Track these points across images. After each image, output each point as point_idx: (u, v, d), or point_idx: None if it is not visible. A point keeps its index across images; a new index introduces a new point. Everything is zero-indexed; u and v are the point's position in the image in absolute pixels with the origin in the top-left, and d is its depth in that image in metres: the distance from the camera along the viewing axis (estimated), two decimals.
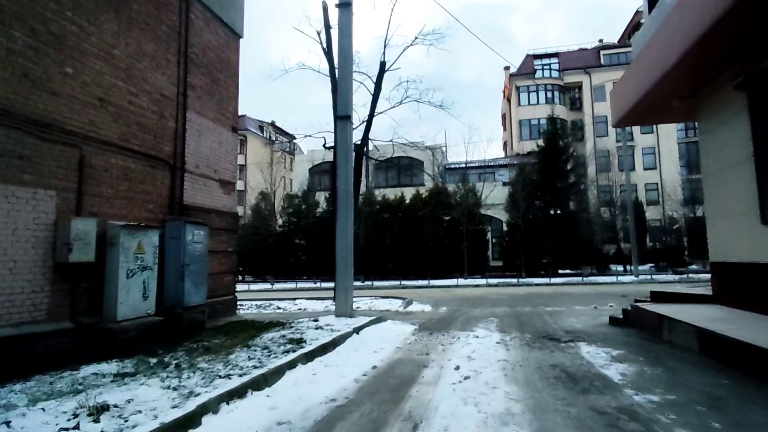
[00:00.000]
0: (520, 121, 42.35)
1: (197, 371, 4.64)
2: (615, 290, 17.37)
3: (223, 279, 9.83)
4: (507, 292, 17.94)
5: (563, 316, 9.79)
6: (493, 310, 11.73)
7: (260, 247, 32.07)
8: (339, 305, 8.83)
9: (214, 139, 9.68)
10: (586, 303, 12.64)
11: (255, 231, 32.92)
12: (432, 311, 12.13)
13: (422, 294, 18.41)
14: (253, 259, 33.17)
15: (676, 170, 38.94)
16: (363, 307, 13.67)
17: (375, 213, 30.80)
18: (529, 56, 44.56)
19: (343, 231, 8.87)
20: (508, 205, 28.54)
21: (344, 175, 9.01)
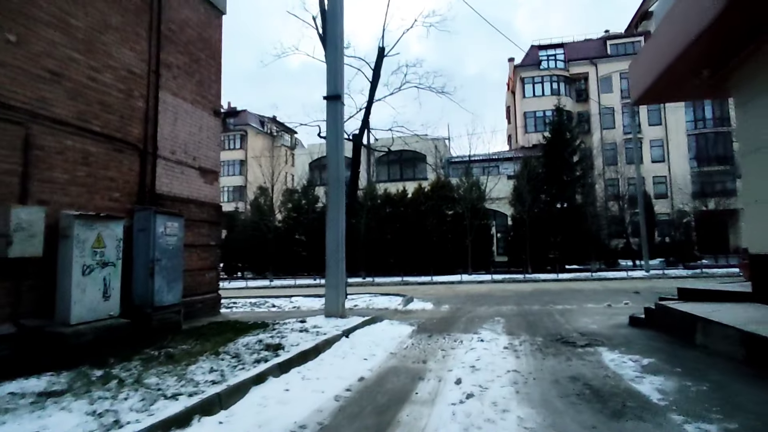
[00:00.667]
0: (525, 114, 41.30)
1: (141, 389, 3.82)
2: (626, 286, 16.47)
3: (205, 276, 9.02)
4: (513, 289, 17.07)
5: (576, 316, 8.93)
6: (499, 308, 10.88)
7: (259, 242, 31.30)
8: (329, 305, 8.00)
9: (193, 123, 8.85)
10: (598, 300, 11.76)
11: (254, 226, 32.14)
12: (433, 310, 11.29)
13: (424, 291, 17.58)
14: (252, 255, 32.44)
15: (685, 163, 37.82)
16: (361, 305, 12.89)
17: (377, 207, 29.96)
18: (533, 47, 43.45)
19: (334, 223, 8.03)
20: (513, 199, 27.61)
21: (335, 161, 8.15)
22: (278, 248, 31.03)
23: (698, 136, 38.21)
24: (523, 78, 41.60)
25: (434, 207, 28.74)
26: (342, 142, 8.34)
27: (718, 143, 37.60)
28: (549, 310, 10.20)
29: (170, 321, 7.34)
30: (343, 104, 8.36)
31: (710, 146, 37.93)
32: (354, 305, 12.81)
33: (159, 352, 5.46)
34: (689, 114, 38.35)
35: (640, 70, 7.41)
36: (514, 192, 27.69)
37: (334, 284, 7.94)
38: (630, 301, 11.05)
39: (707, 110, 38.20)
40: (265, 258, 31.19)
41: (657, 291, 14.11)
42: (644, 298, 12.00)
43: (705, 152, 38.03)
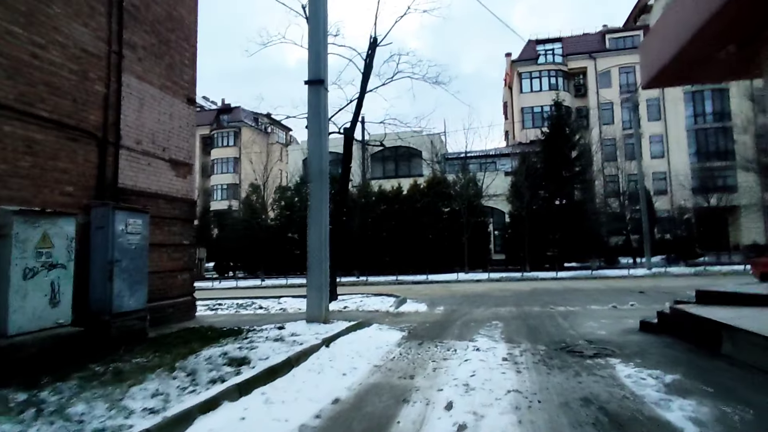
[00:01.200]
0: (523, 109, 40.60)
1: (58, 421, 3.10)
2: (629, 285, 15.82)
3: (177, 278, 8.28)
4: (511, 288, 16.40)
5: (580, 319, 8.24)
6: (497, 310, 10.19)
7: (252, 241, 30.53)
8: (311, 309, 7.27)
9: (162, 110, 8.10)
10: (601, 301, 11.09)
11: (246, 225, 31.39)
12: (427, 312, 10.59)
13: (418, 291, 16.89)
14: (244, 254, 31.67)
15: (685, 159, 37.21)
16: (351, 306, 12.21)
17: (371, 205, 29.23)
18: (531, 41, 42.74)
19: (317, 220, 7.30)
20: (511, 196, 26.92)
21: (317, 152, 7.41)
22: (270, 247, 30.27)
23: (698, 131, 37.61)
24: (520, 73, 40.89)
25: (430, 204, 28.03)
26: (326, 131, 7.61)
27: (719, 138, 37.05)
28: (550, 312, 9.51)
29: (133, 329, 6.61)
30: (326, 90, 7.62)
31: (710, 142, 37.38)
32: (344, 307, 12.13)
33: (106, 367, 4.73)
34: (689, 109, 37.77)
35: (654, 48, 6.71)
36: (512, 188, 27.01)
37: (316, 286, 7.21)
38: (636, 302, 10.38)
39: (707, 105, 37.65)
40: (257, 257, 30.43)
41: (662, 290, 13.46)
42: (651, 299, 11.35)
43: (705, 148, 37.45)
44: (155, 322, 7.61)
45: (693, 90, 37.46)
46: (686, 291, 12.88)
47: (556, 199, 27.01)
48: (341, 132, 15.26)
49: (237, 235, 31.69)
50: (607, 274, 20.91)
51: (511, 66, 43.11)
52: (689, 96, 37.70)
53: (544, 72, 40.86)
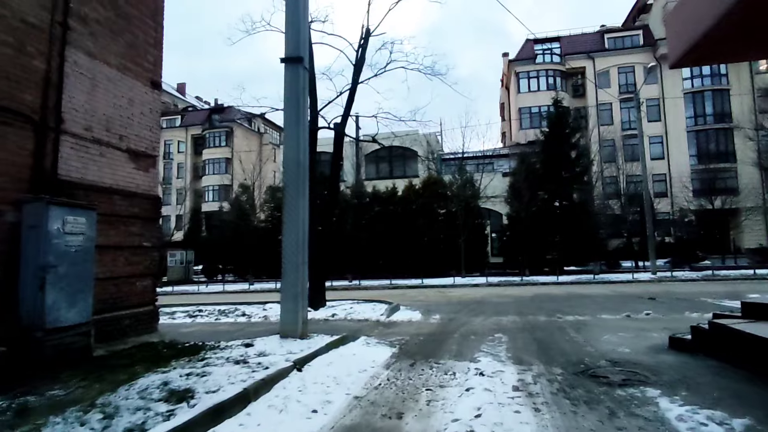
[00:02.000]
0: (520, 109, 39.80)
1: None
2: (637, 291, 14.89)
3: (135, 285, 7.25)
4: (511, 294, 15.43)
5: (594, 332, 7.27)
6: (499, 320, 9.20)
7: (241, 243, 29.45)
8: (285, 322, 6.26)
9: (120, 94, 7.09)
10: (612, 309, 10.14)
11: (235, 226, 30.31)
12: (421, 321, 9.60)
13: (413, 296, 15.89)
14: (233, 256, 30.57)
15: (685, 160, 36.48)
16: (339, 314, 11.24)
17: (364, 206, 28.25)
18: (529, 41, 41.98)
19: (293, 218, 6.30)
20: (510, 196, 26.00)
21: (294, 140, 6.42)
22: (261, 249, 29.18)
23: (698, 132, 36.93)
24: (518, 72, 40.12)
25: (425, 205, 27.08)
26: (305, 118, 6.62)
27: (719, 140, 36.38)
28: (559, 323, 8.53)
29: (73, 347, 5.57)
30: (306, 69, 6.64)
31: (711, 143, 36.68)
32: (332, 315, 11.15)
33: (9, 403, 3.70)
34: (689, 110, 37.09)
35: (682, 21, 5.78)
36: (511, 188, 26.11)
37: (291, 295, 6.20)
38: (651, 311, 9.43)
39: (708, 106, 36.98)
40: (247, 259, 29.34)
41: (675, 297, 12.54)
42: (665, 306, 10.41)
43: (706, 149, 36.76)
44: (107, 337, 6.58)
45: (693, 91, 36.84)
46: (701, 298, 12.02)
47: (555, 201, 26.12)
48: (331, 127, 14.31)
49: (226, 236, 30.62)
50: (611, 278, 20.00)
51: (509, 66, 42.33)
52: (689, 97, 37.04)
53: (542, 72, 40.12)
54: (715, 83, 36.72)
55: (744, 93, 35.97)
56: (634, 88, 38.36)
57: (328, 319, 10.49)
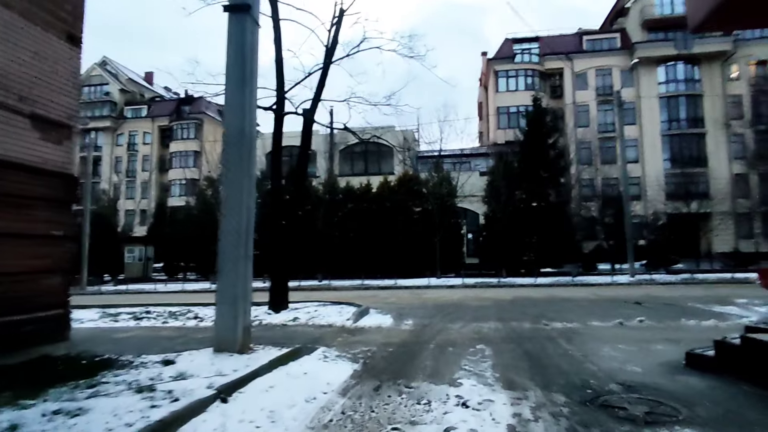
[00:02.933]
0: (498, 109, 39.24)
1: None
2: (619, 294, 14.16)
3: (40, 282, 5.85)
4: (489, 296, 14.48)
5: (590, 343, 6.29)
6: (479, 326, 8.16)
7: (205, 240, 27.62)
8: (221, 332, 5.00)
9: (21, 45, 5.69)
10: (601, 316, 9.25)
11: (199, 222, 28.51)
12: (392, 328, 8.48)
13: (385, 298, 14.77)
14: (197, 253, 28.72)
15: (659, 164, 36.62)
16: (302, 318, 10.05)
17: (337, 202, 26.97)
18: (508, 40, 41.59)
19: (234, 201, 5.05)
20: (487, 195, 25.21)
21: (237, 105, 5.16)
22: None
23: (673, 137, 37.13)
24: (496, 71, 39.56)
25: (401, 203, 26.01)
26: (252, 79, 5.36)
27: (693, 144, 36.70)
28: (547, 331, 7.55)
29: None
30: (256, 22, 5.41)
31: (684, 147, 36.98)
32: (293, 319, 9.95)
33: None
34: (664, 114, 37.25)
35: None
36: (489, 187, 25.32)
37: (229, 298, 4.95)
38: (645, 318, 8.56)
39: (681, 111, 37.23)
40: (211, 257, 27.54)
41: (661, 301, 11.82)
42: (655, 312, 9.60)
43: (679, 153, 37.02)
44: (9, 344, 5.22)
45: (668, 95, 37.04)
46: (688, 303, 11.30)
47: (533, 201, 25.48)
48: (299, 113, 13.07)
49: (189, 232, 28.78)
50: (589, 281, 19.39)
51: (488, 64, 41.76)
52: (664, 101, 37.22)
53: (521, 71, 39.69)
54: (689, 88, 37.03)
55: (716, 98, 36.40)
56: (610, 90, 38.39)
57: (287, 324, 9.26)
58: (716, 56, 35.87)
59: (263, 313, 11.15)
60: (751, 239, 33.94)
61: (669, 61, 36.82)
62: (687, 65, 36.89)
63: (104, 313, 12.53)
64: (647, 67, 36.67)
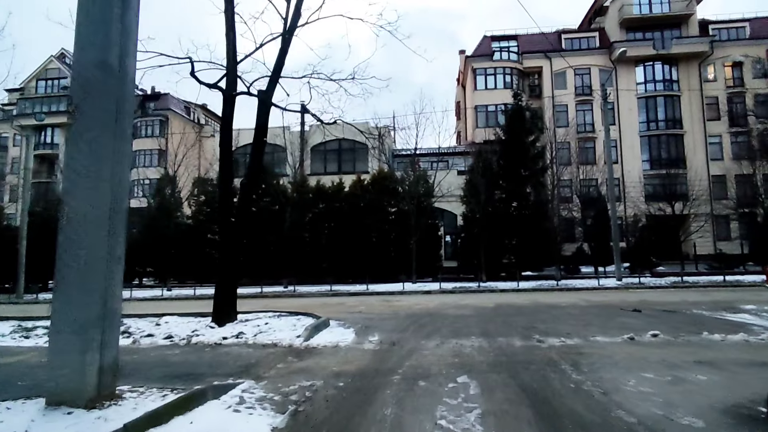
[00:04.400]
0: (476, 107, 38.13)
1: None
2: (611, 300, 12.82)
3: None
4: (469, 303, 12.92)
5: (605, 371, 4.74)
6: (460, 345, 6.54)
7: (163, 243, 25.41)
8: (58, 374, 3.16)
9: None
10: (601, 327, 7.78)
11: (154, 223, 26.22)
12: (351, 347, 6.78)
13: (352, 306, 13.05)
14: (153, 258, 26.39)
15: (638, 165, 36.09)
16: (248, 333, 8.35)
17: (307, 203, 25.12)
18: (486, 37, 40.59)
19: (93, 169, 3.28)
20: (466, 194, 23.77)
21: (97, 16, 3.42)
22: (186, 249, 25.31)
23: (651, 137, 36.70)
24: (474, 69, 38.45)
25: (375, 202, 24.36)
26: None
27: (671, 145, 36.32)
28: (543, 350, 5.99)
29: None
30: None
31: (662, 148, 36.57)
32: (237, 334, 8.23)
33: None
34: (642, 114, 36.79)
35: None
36: (467, 185, 23.91)
37: (74, 323, 3.13)
38: (656, 331, 7.10)
39: (660, 111, 36.83)
40: (170, 261, 25.34)
41: (661, 308, 10.47)
42: (663, 323, 8.17)
43: (658, 155, 36.59)
44: None
45: (646, 95, 36.60)
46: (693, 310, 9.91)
47: (513, 201, 24.21)
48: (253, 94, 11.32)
49: (145, 235, 26.44)
50: (575, 284, 18.12)
51: (466, 62, 40.65)
52: (642, 102, 36.76)
53: (499, 69, 38.68)
54: (666, 88, 36.68)
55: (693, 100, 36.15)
56: (589, 90, 37.76)
57: (222, 343, 7.47)
58: (694, 57, 35.64)
59: (204, 327, 9.37)
60: (728, 241, 33.62)
61: (648, 61, 36.42)
62: (665, 65, 36.57)
63: (19, 326, 10.55)
64: (626, 66, 36.20)
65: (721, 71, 36.92)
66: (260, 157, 11.52)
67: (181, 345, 7.38)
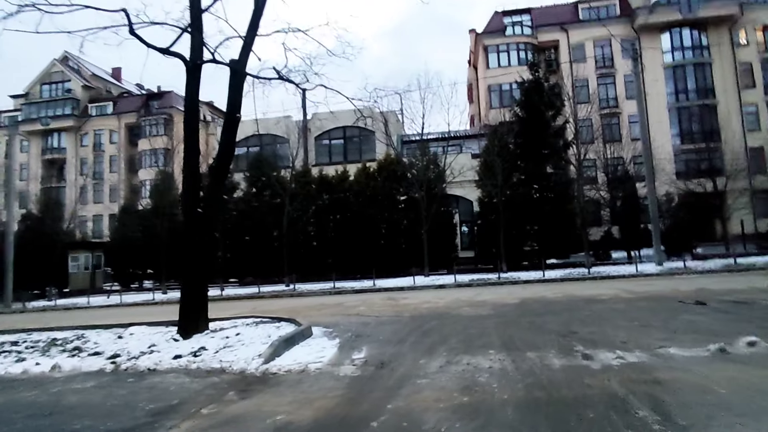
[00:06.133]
0: (489, 87, 35.74)
1: None
2: (658, 289, 10.69)
3: None
4: (488, 300, 10.94)
5: (718, 426, 2.82)
6: (473, 368, 4.61)
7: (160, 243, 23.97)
8: None
9: None
10: (667, 330, 5.77)
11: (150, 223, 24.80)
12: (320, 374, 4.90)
13: (352, 306, 11.20)
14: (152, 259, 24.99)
15: (667, 140, 33.23)
16: (210, 348, 6.74)
17: (310, 194, 23.35)
18: (497, 13, 38.00)
19: None
20: (482, 177, 21.63)
21: None
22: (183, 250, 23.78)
23: (680, 109, 33.79)
24: (486, 46, 36.02)
25: (382, 191, 22.46)
26: None
27: (703, 117, 33.33)
28: (598, 377, 4.03)
29: None
30: None
31: (694, 121, 33.59)
32: (197, 350, 6.65)
33: None
34: (670, 85, 33.88)
35: None
36: (482, 167, 21.79)
37: None
38: (756, 337, 5.05)
39: (689, 81, 33.83)
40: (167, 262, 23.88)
41: (730, 299, 8.31)
42: (748, 322, 6.10)
43: (689, 128, 33.65)
44: None
45: (674, 65, 33.68)
46: None
47: (533, 182, 22.00)
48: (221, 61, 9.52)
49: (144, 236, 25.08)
50: (608, 272, 15.95)
51: (476, 40, 38.20)
52: (670, 71, 33.84)
53: (513, 45, 36.13)
54: (696, 56, 33.65)
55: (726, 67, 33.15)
56: (611, 62, 35.02)
57: (157, 368, 5.74)
58: (723, 21, 32.58)
59: (166, 340, 7.73)
60: None
61: (674, 26, 33.48)
62: (693, 30, 33.57)
63: None
64: (650, 34, 33.27)
65: (753, 35, 33.76)
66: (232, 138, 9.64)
67: (108, 372, 5.65)
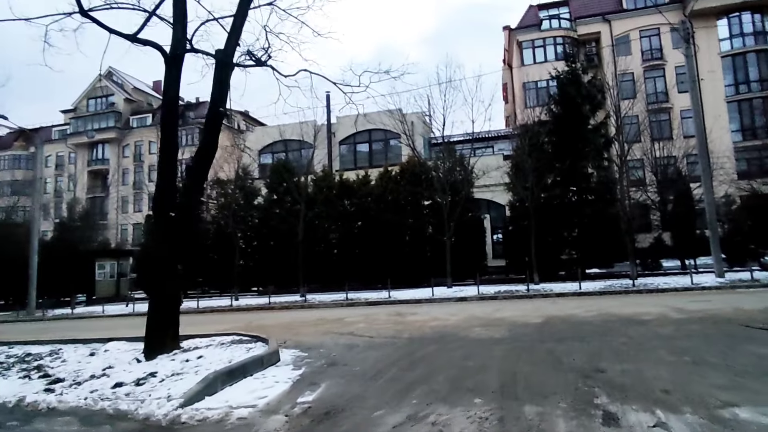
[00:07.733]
0: (525, 85, 33.70)
1: None
2: (717, 307, 8.76)
3: None
4: (507, 317, 9.34)
5: None
6: (445, 424, 3.27)
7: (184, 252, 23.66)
8: None
9: None
10: (730, 371, 4.15)
11: None
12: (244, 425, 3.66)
13: (350, 323, 9.90)
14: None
15: (726, 136, 29.96)
16: (162, 373, 5.86)
17: (330, 200, 22.37)
18: (532, 7, 36.01)
19: None
20: (512, 179, 19.86)
21: None
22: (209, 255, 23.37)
23: (741, 102, 30.47)
24: (520, 42, 34.08)
25: (405, 195, 21.14)
26: None
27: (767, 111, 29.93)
28: None
29: None
30: None
31: (757, 114, 30.18)
32: (145, 376, 5.62)
33: None
34: (728, 76, 30.66)
35: None
36: (512, 168, 20.02)
37: None
38: None
39: (751, 71, 30.48)
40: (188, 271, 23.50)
41: None
42: None
43: (751, 122, 30.28)
44: None
45: (733, 53, 30.45)
46: None
47: (571, 184, 19.97)
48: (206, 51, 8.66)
49: None
50: (657, 284, 13.85)
51: (510, 36, 36.30)
52: (728, 61, 30.62)
53: (549, 40, 33.97)
54: (759, 43, 30.27)
55: None
56: (659, 53, 32.20)
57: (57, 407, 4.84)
58: None
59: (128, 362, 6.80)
60: None
61: (732, 11, 30.35)
62: (755, 15, 30.28)
63: None
64: (705, 21, 30.20)
65: None
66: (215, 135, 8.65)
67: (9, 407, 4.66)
